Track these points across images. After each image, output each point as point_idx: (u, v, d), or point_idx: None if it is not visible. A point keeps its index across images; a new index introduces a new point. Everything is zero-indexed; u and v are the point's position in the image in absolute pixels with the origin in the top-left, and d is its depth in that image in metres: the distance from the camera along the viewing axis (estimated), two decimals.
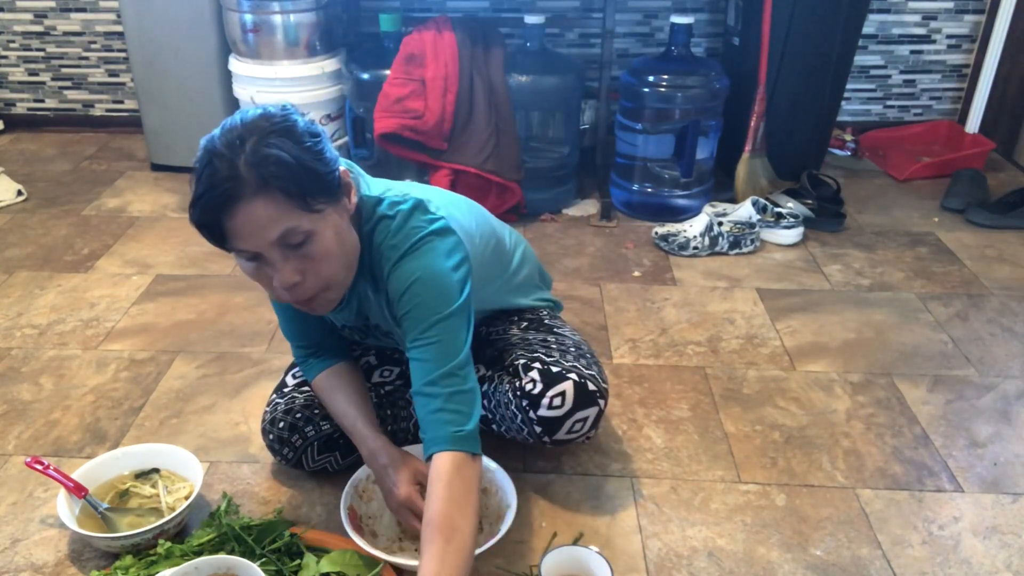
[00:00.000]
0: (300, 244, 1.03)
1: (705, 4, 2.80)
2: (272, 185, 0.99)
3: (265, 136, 1.00)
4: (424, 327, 1.11)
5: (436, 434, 1.09)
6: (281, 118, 1.03)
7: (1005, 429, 1.58)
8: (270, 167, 0.98)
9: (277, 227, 1.01)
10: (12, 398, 1.64)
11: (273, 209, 0.99)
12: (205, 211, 1.00)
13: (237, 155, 0.98)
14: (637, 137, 2.36)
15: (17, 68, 3.02)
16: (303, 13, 2.32)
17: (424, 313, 1.11)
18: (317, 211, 1.03)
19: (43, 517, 1.35)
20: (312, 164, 1.02)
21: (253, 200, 0.99)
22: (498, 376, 1.38)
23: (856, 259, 2.21)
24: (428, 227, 1.15)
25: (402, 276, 1.12)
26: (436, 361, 1.10)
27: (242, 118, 1.03)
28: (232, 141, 1.00)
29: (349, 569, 1.17)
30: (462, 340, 1.13)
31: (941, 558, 1.29)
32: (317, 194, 1.03)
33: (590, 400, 1.31)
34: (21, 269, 2.14)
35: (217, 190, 0.98)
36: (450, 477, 1.06)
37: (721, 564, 1.27)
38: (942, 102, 2.98)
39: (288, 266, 1.04)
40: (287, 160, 0.99)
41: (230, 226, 1.00)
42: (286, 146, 1.00)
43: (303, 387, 1.40)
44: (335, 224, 1.07)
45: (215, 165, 0.99)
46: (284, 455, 1.39)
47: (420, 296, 1.12)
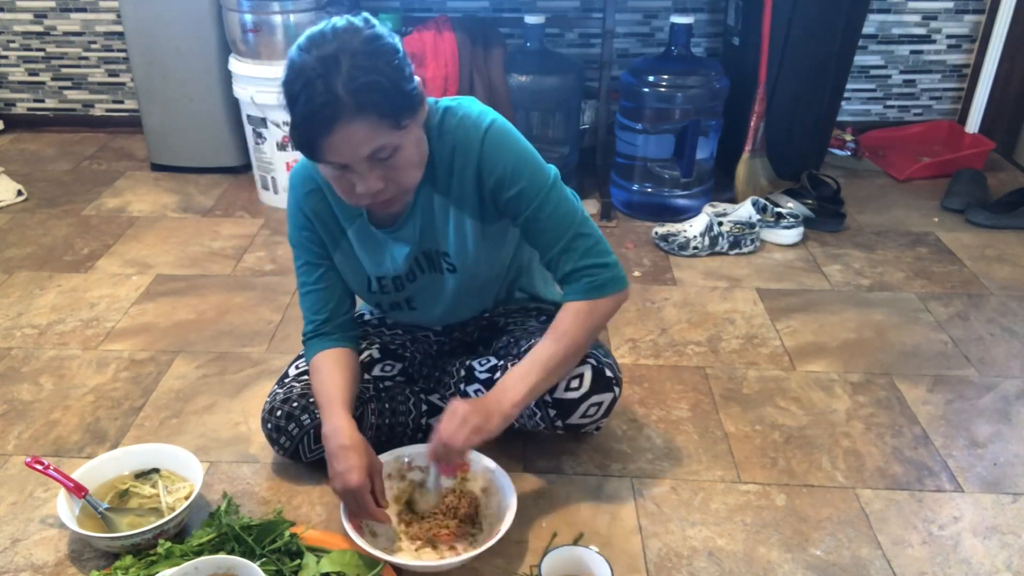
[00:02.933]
0: (387, 157, 1.10)
1: (705, 4, 2.80)
2: (370, 109, 1.04)
3: (359, 56, 1.04)
4: (537, 203, 1.23)
5: (575, 287, 1.26)
6: (370, 35, 1.07)
7: (1005, 429, 1.58)
8: (368, 93, 1.03)
9: (371, 144, 1.07)
10: (12, 398, 1.64)
11: (368, 129, 1.06)
12: (306, 132, 1.06)
13: (334, 76, 1.03)
14: (637, 137, 2.36)
15: (17, 68, 3.02)
16: (303, 13, 2.32)
17: (533, 191, 1.22)
18: (404, 127, 1.10)
19: (43, 517, 1.35)
20: (401, 84, 1.09)
21: (351, 122, 1.04)
22: (511, 363, 1.38)
23: (856, 259, 2.21)
24: (492, 112, 1.24)
25: (499, 155, 1.21)
26: (560, 229, 1.25)
27: (333, 30, 1.07)
28: (326, 59, 1.03)
29: (349, 569, 1.17)
30: (571, 201, 1.27)
31: (941, 558, 1.29)
32: (406, 111, 1.09)
33: (607, 386, 1.33)
34: (21, 269, 2.14)
35: (318, 114, 1.03)
36: (580, 309, 1.25)
37: (721, 564, 1.27)
38: (942, 102, 2.98)
39: (373, 175, 1.11)
40: (384, 84, 1.05)
41: (326, 143, 1.06)
42: (379, 67, 1.05)
43: (302, 376, 1.41)
44: (416, 135, 1.15)
45: (314, 86, 1.03)
46: (281, 444, 1.39)
47: (524, 175, 1.22)
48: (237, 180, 2.68)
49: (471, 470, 1.36)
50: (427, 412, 1.46)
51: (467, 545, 1.26)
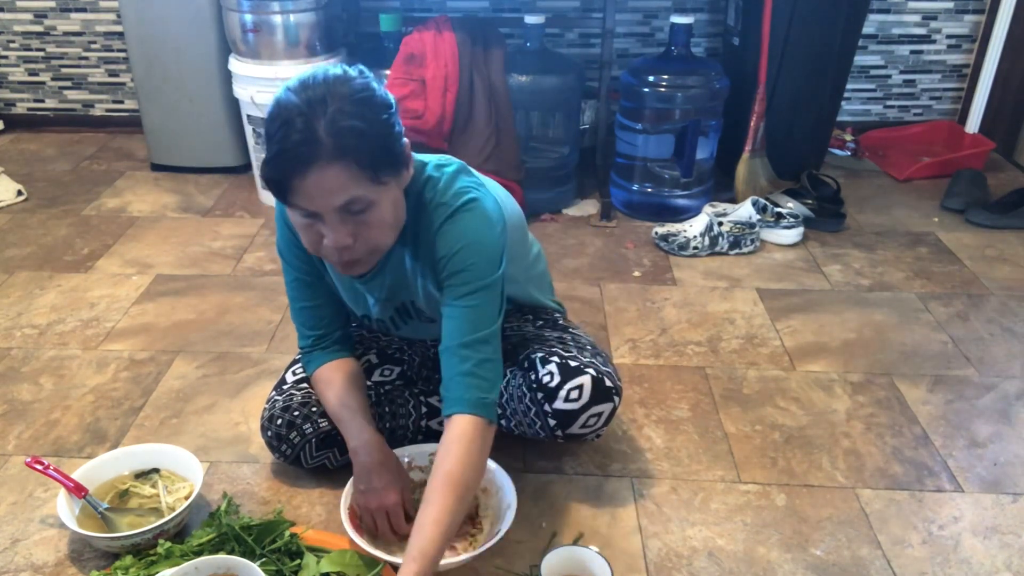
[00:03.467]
0: (360, 211, 1.06)
1: (705, 4, 2.80)
2: (348, 155, 1.01)
3: (346, 102, 1.01)
4: (467, 290, 1.15)
5: (462, 395, 1.14)
6: (361, 85, 1.04)
7: (1005, 429, 1.58)
8: (350, 138, 1.00)
9: (344, 195, 1.03)
10: (12, 398, 1.64)
11: (345, 178, 1.02)
12: (278, 169, 1.02)
13: (317, 116, 0.99)
14: (637, 137, 2.36)
15: (17, 68, 3.02)
16: (303, 13, 2.32)
17: (469, 277, 1.15)
18: (383, 183, 1.06)
19: (43, 517, 1.35)
20: (387, 139, 1.06)
21: (328, 166, 1.00)
22: (510, 371, 1.38)
23: (856, 259, 2.21)
24: (476, 190, 1.19)
25: (453, 236, 1.16)
26: (472, 325, 1.15)
27: (324, 76, 1.04)
28: (313, 100, 1.00)
29: (349, 569, 1.17)
30: (497, 309, 1.18)
31: (941, 558, 1.29)
32: (386, 167, 1.06)
33: (606, 396, 1.32)
34: (21, 269, 2.14)
35: (293, 151, 1.00)
36: (471, 439, 1.12)
37: (721, 564, 1.27)
38: (942, 102, 2.98)
39: (343, 229, 1.06)
40: (368, 134, 1.02)
41: (298, 186, 1.02)
42: (366, 116, 1.02)
43: (301, 384, 1.40)
44: (394, 195, 1.11)
45: (294, 124, 1.00)
46: (282, 452, 1.39)
47: (469, 260, 1.16)
48: (237, 180, 2.68)
49: None
50: (427, 414, 1.46)
51: (467, 545, 1.26)
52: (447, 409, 1.15)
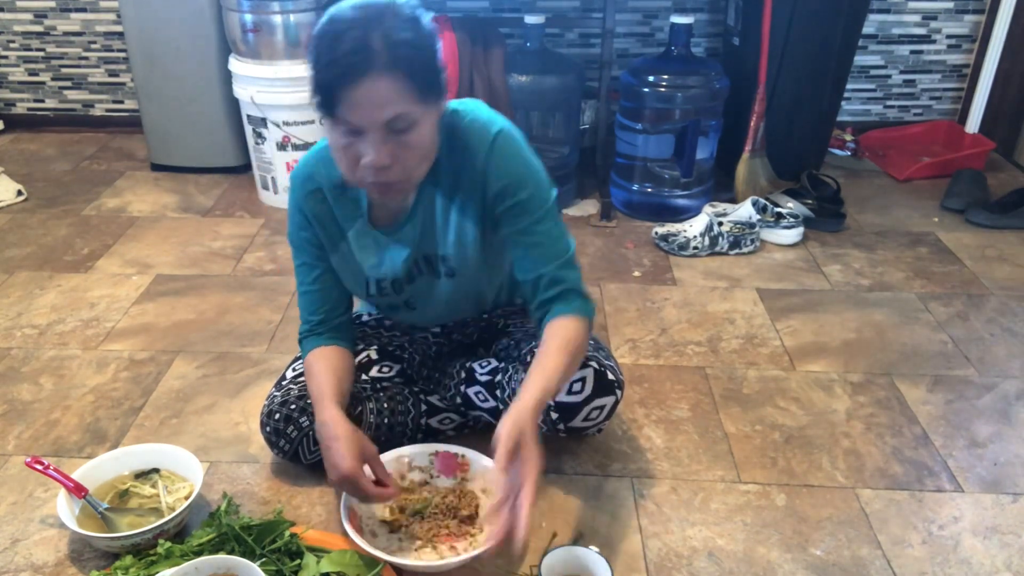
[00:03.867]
0: (403, 130, 1.07)
1: (705, 4, 2.80)
2: (401, 66, 1.02)
3: (400, 19, 1.04)
4: (532, 219, 1.22)
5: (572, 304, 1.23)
6: (411, 8, 1.07)
7: (1005, 429, 1.58)
8: (404, 49, 1.02)
9: (393, 108, 1.04)
10: (12, 398, 1.64)
11: (395, 90, 1.03)
12: (330, 76, 1.03)
13: (372, 28, 1.02)
14: (637, 137, 2.36)
15: (17, 68, 3.02)
16: (303, 13, 2.32)
17: (532, 206, 1.21)
18: (428, 103, 1.07)
19: (43, 517, 1.35)
20: (434, 59, 1.08)
21: (380, 76, 1.01)
22: (512, 367, 1.38)
23: (856, 259, 2.22)
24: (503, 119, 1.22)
25: (507, 164, 1.20)
26: (559, 247, 1.24)
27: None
28: (367, 14, 1.03)
29: (349, 569, 1.17)
30: (564, 229, 1.26)
31: (941, 558, 1.29)
32: (433, 88, 1.08)
33: (608, 388, 1.32)
34: (21, 269, 2.14)
35: (347, 61, 1.01)
36: (578, 326, 1.22)
37: (721, 564, 1.27)
38: (942, 102, 2.98)
39: (384, 148, 1.07)
40: (420, 48, 1.04)
41: (349, 95, 1.03)
42: (420, 34, 1.05)
43: (299, 379, 1.41)
44: (433, 120, 1.12)
45: (349, 34, 1.02)
46: (280, 447, 1.39)
47: (527, 189, 1.21)
48: (237, 180, 2.68)
49: (471, 470, 1.36)
50: (427, 412, 1.46)
51: (467, 545, 1.26)
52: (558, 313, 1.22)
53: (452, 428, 1.49)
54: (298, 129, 2.40)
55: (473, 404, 1.45)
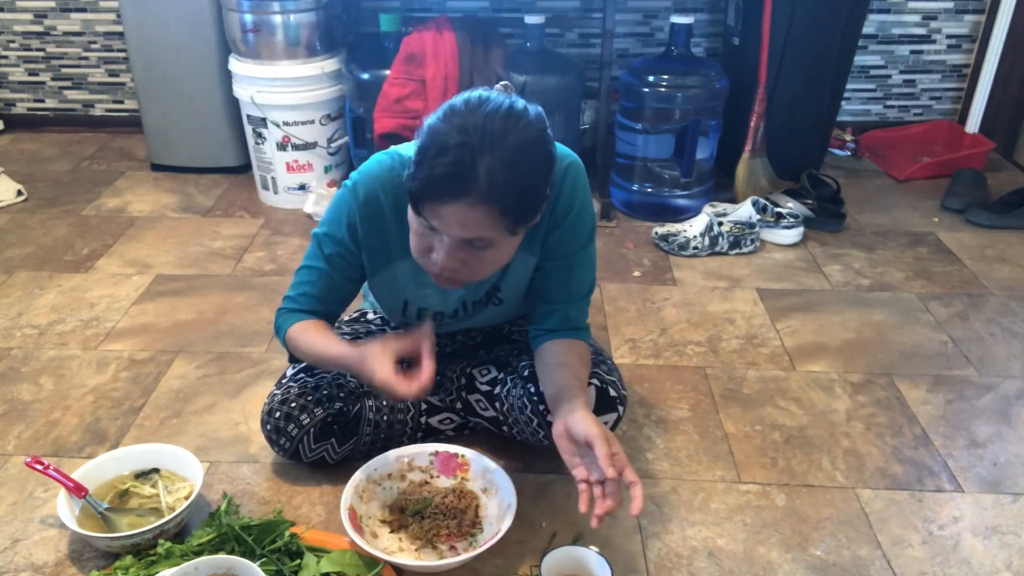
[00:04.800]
0: (481, 248, 1.07)
1: (705, 4, 2.80)
2: (497, 201, 1.00)
3: (516, 151, 1.00)
4: (576, 256, 1.27)
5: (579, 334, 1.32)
6: (536, 132, 1.03)
7: (1005, 429, 1.58)
8: (507, 189, 1.00)
9: (476, 232, 1.04)
10: (12, 398, 1.64)
11: (485, 219, 1.02)
12: (425, 189, 1.01)
13: (482, 153, 0.98)
14: (637, 137, 2.36)
15: (17, 68, 3.02)
16: (303, 13, 2.32)
17: (582, 238, 1.26)
18: (515, 233, 1.07)
19: (43, 517, 1.35)
20: (538, 195, 1.07)
21: (475, 205, 1.00)
22: (511, 380, 1.38)
23: (856, 259, 2.21)
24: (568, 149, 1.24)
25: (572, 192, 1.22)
26: (582, 287, 1.31)
27: (509, 107, 1.01)
28: (489, 133, 0.99)
29: (349, 569, 1.17)
30: (595, 270, 1.32)
31: (941, 558, 1.29)
32: (527, 222, 1.08)
33: (610, 405, 1.32)
34: (21, 269, 2.14)
35: (448, 178, 0.99)
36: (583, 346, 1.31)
37: (721, 564, 1.27)
38: (942, 102, 2.98)
39: (457, 255, 1.07)
40: (524, 190, 1.03)
41: (437, 208, 1.02)
42: (529, 173, 1.03)
43: (299, 376, 1.41)
44: (515, 243, 1.12)
45: (455, 151, 0.98)
46: (281, 445, 1.39)
47: (584, 219, 1.25)
48: (237, 180, 2.68)
49: (471, 470, 1.36)
50: (427, 411, 1.46)
51: (467, 545, 1.26)
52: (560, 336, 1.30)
53: (452, 428, 1.49)
54: (298, 129, 2.40)
55: (473, 410, 1.45)
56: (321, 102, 2.41)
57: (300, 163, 2.45)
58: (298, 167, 2.45)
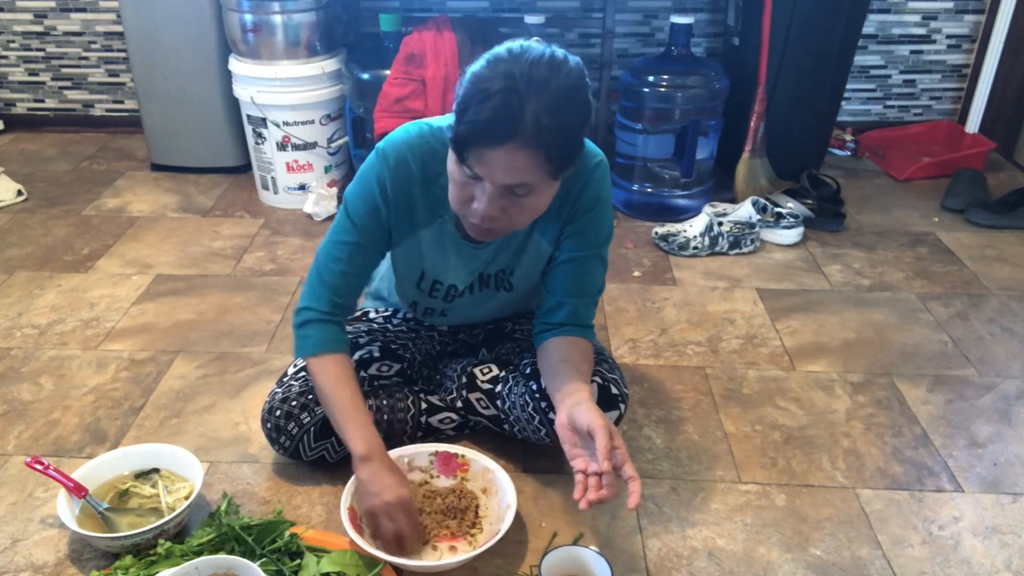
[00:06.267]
0: (523, 195, 1.09)
1: (705, 4, 2.80)
2: (544, 145, 1.02)
3: (561, 96, 1.01)
4: (590, 252, 1.29)
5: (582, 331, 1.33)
6: (577, 80, 1.04)
7: (1005, 429, 1.58)
8: (552, 133, 1.01)
9: (520, 177, 1.05)
10: (12, 398, 1.64)
11: (530, 164, 1.03)
12: (471, 132, 1.02)
13: (531, 99, 1.00)
14: (637, 137, 2.36)
15: (17, 68, 3.02)
16: (303, 13, 2.32)
17: (599, 237, 1.29)
18: (556, 177, 1.09)
19: (43, 517, 1.35)
20: (580, 140, 1.08)
21: (518, 147, 1.01)
22: (513, 378, 1.38)
23: (856, 259, 2.22)
24: (598, 148, 1.27)
25: (598, 189, 1.25)
26: (592, 284, 1.32)
27: (551, 57, 1.03)
28: (528, 79, 1.00)
29: (349, 569, 1.17)
30: (604, 275, 1.34)
31: (941, 558, 1.29)
32: (568, 165, 1.09)
33: (612, 403, 1.33)
34: (21, 269, 2.14)
35: (495, 123, 1.00)
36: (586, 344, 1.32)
37: (721, 564, 1.27)
38: (942, 102, 2.98)
39: (498, 203, 1.09)
40: (567, 135, 1.04)
41: (482, 153, 1.03)
42: (573, 115, 1.04)
43: (300, 374, 1.41)
44: (553, 189, 1.13)
45: (500, 97, 1.00)
46: (281, 444, 1.39)
47: (604, 218, 1.28)
48: (237, 180, 2.68)
49: (471, 470, 1.36)
50: (427, 411, 1.46)
51: (467, 545, 1.26)
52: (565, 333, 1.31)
53: (452, 428, 1.49)
54: (298, 129, 2.40)
55: (474, 409, 1.45)
56: (321, 102, 2.41)
57: (300, 163, 2.45)
58: (298, 167, 2.45)
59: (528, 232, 1.29)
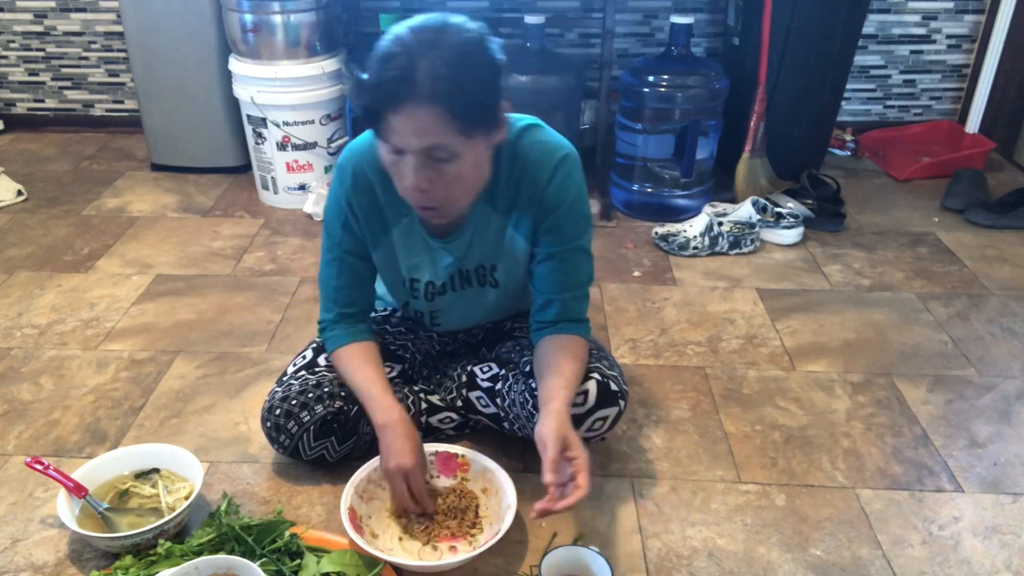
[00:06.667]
0: (442, 160, 1.08)
1: (705, 4, 2.80)
2: (442, 100, 1.02)
3: (453, 50, 1.03)
4: (572, 245, 1.27)
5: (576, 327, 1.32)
6: (475, 38, 1.06)
7: (1005, 429, 1.58)
8: (449, 82, 1.02)
9: (430, 138, 1.05)
10: (12, 398, 1.64)
11: (434, 122, 1.03)
12: (373, 98, 1.05)
13: (421, 56, 1.02)
14: (637, 137, 2.36)
15: (17, 68, 3.02)
16: (303, 13, 2.32)
17: (578, 230, 1.27)
18: (469, 136, 1.07)
19: (43, 517, 1.35)
20: (485, 94, 1.07)
21: (420, 106, 1.02)
22: (513, 376, 1.38)
23: (856, 259, 2.22)
24: (569, 143, 1.26)
25: (566, 185, 1.23)
26: (579, 278, 1.31)
27: (441, 21, 1.06)
28: (424, 39, 1.03)
29: (349, 569, 1.17)
30: (591, 267, 1.32)
31: (941, 558, 1.29)
32: (478, 123, 1.08)
33: (612, 400, 1.33)
34: (21, 269, 2.14)
35: (393, 82, 1.02)
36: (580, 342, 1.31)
37: (721, 564, 1.27)
38: (942, 102, 2.98)
39: (423, 173, 1.09)
40: (467, 88, 1.04)
41: (389, 119, 1.05)
42: (470, 68, 1.04)
43: (300, 373, 1.41)
44: (477, 153, 1.12)
45: (397, 59, 1.02)
46: (281, 443, 1.39)
47: (578, 213, 1.25)
48: (237, 180, 2.68)
49: (471, 470, 1.36)
50: (427, 411, 1.46)
51: (467, 545, 1.26)
52: (556, 331, 1.30)
53: (452, 427, 1.49)
54: (298, 129, 2.40)
55: (474, 408, 1.45)
56: (321, 102, 2.41)
57: (300, 163, 2.45)
58: (298, 167, 2.45)
59: (501, 226, 1.28)
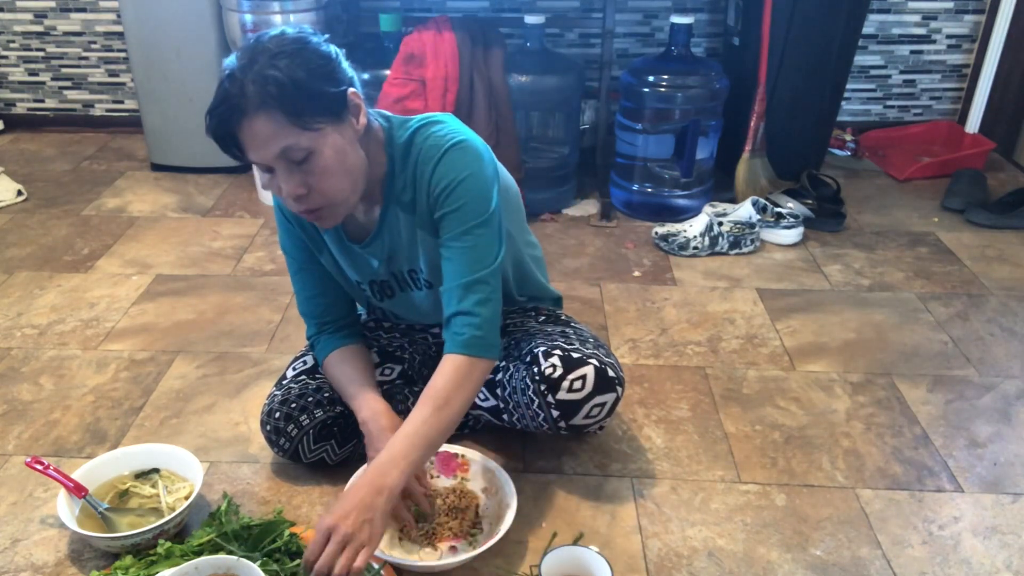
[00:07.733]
0: (302, 160, 1.10)
1: (705, 4, 2.80)
2: (270, 104, 1.05)
3: (273, 57, 1.07)
4: (463, 229, 1.20)
5: (457, 335, 1.20)
6: (293, 39, 1.10)
7: (1005, 429, 1.58)
8: (269, 87, 1.05)
9: (277, 143, 1.08)
10: (12, 398, 1.64)
11: (272, 126, 1.07)
12: (215, 123, 1.10)
13: (245, 72, 1.07)
14: (637, 137, 2.36)
15: (17, 68, 3.02)
16: (303, 13, 2.32)
17: (464, 216, 1.19)
18: (315, 130, 1.09)
19: (43, 517, 1.35)
20: (313, 85, 1.08)
21: (254, 116, 1.06)
22: (513, 365, 1.38)
23: (856, 259, 2.22)
24: (463, 133, 1.23)
25: (446, 172, 1.19)
26: (470, 265, 1.20)
27: (258, 39, 1.11)
28: (244, 60, 1.09)
29: None
30: (496, 247, 1.22)
31: (941, 558, 1.29)
32: (315, 114, 1.08)
33: (609, 386, 1.32)
34: (21, 269, 2.14)
35: (224, 105, 1.08)
36: (458, 368, 1.19)
37: (721, 564, 1.27)
38: (942, 102, 2.98)
39: (293, 179, 1.11)
40: (285, 81, 1.06)
41: (240, 140, 1.09)
42: (290, 68, 1.06)
43: (300, 377, 1.41)
44: (335, 143, 1.12)
45: (225, 82, 1.09)
46: (281, 446, 1.39)
47: (462, 198, 1.19)
48: (237, 180, 2.68)
49: (471, 470, 1.36)
50: None
51: (467, 545, 1.26)
52: (445, 349, 1.21)
53: None
54: None
55: (474, 403, 1.45)
56: None
57: None
58: None
59: (411, 228, 1.26)
